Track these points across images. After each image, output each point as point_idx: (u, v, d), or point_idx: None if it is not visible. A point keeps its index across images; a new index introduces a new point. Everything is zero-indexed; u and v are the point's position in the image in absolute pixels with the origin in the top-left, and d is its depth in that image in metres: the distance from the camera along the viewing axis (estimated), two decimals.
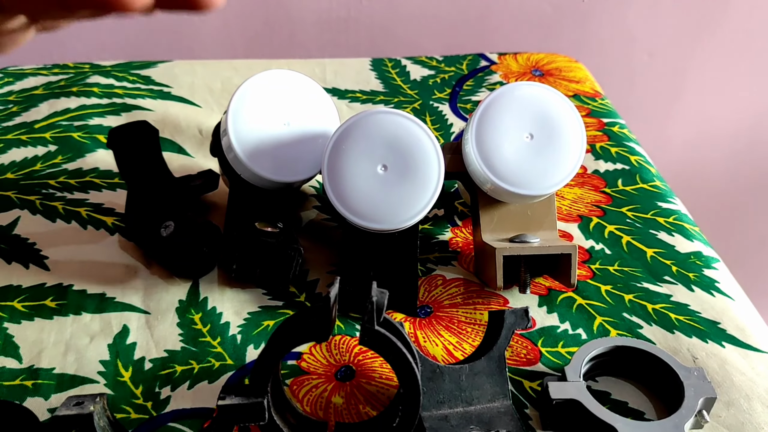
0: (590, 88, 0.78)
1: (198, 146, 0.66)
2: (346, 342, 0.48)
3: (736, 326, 0.50)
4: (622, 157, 0.67)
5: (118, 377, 0.45)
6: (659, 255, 0.56)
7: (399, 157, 0.47)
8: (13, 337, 0.48)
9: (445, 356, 0.47)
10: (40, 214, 0.58)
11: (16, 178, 0.62)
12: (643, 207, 0.61)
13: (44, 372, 0.46)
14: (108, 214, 0.58)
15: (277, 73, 0.51)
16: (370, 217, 0.48)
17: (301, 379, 0.45)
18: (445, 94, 0.76)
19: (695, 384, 0.42)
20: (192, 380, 0.45)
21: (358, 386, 0.45)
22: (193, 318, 0.50)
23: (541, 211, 0.52)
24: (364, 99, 0.74)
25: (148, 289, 0.52)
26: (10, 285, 0.52)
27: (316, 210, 0.60)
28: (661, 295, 0.52)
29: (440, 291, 0.53)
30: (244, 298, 0.52)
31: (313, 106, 0.52)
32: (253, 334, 0.49)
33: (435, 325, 0.50)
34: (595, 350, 0.45)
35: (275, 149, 0.50)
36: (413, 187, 0.47)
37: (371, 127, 0.48)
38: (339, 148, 0.48)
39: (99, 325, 0.49)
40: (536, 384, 0.45)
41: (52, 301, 0.51)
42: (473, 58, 0.83)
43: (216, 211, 0.59)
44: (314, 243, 0.56)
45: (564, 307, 0.51)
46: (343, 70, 0.79)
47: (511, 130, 0.49)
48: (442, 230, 0.58)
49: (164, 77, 0.77)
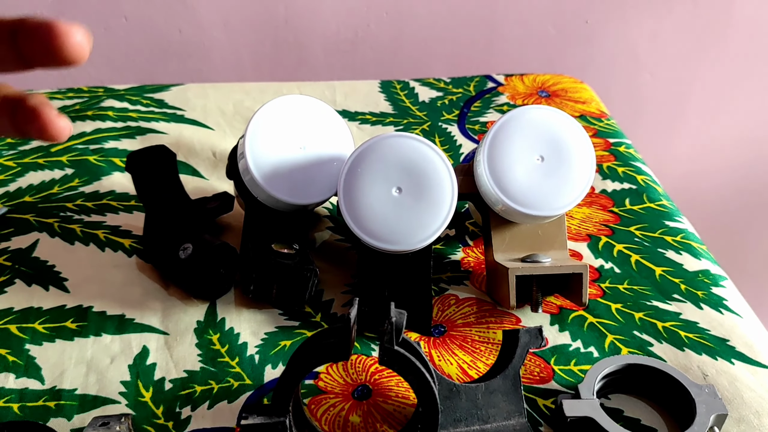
0: (596, 108, 0.79)
1: (212, 168, 0.68)
2: (362, 361, 0.49)
3: (745, 343, 0.50)
4: (629, 177, 0.68)
5: (139, 397, 0.46)
6: (668, 273, 0.57)
7: (413, 179, 0.48)
8: (35, 359, 0.49)
9: (460, 375, 0.48)
10: (58, 237, 0.59)
11: (34, 201, 0.63)
12: (650, 226, 0.62)
13: (67, 393, 0.47)
14: (125, 236, 0.60)
15: (292, 98, 0.53)
16: (385, 238, 0.49)
17: (318, 399, 0.46)
18: (454, 116, 0.77)
19: (706, 401, 0.43)
20: (212, 400, 0.46)
21: (375, 405, 0.46)
22: (212, 338, 0.51)
23: (552, 232, 0.54)
24: (374, 121, 0.76)
25: (166, 310, 0.53)
26: (31, 307, 0.53)
27: (329, 231, 0.61)
28: (670, 313, 0.53)
29: (453, 310, 0.53)
30: (261, 318, 0.53)
31: (328, 131, 0.53)
32: (271, 354, 0.49)
33: (449, 344, 0.51)
34: (608, 368, 0.45)
35: (291, 172, 0.52)
36: (427, 208, 0.48)
37: (386, 151, 0.49)
38: (354, 171, 0.49)
39: (119, 346, 0.50)
40: (550, 402, 0.46)
41: (72, 323, 0.52)
42: (480, 79, 0.84)
43: (231, 233, 0.60)
44: (329, 263, 0.57)
45: (575, 325, 0.52)
46: (352, 92, 0.81)
47: (522, 153, 0.50)
48: (453, 250, 0.59)
49: (177, 100, 0.78)
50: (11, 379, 0.47)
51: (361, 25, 0.99)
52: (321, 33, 0.99)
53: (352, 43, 1.01)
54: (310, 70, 1.02)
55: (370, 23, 0.99)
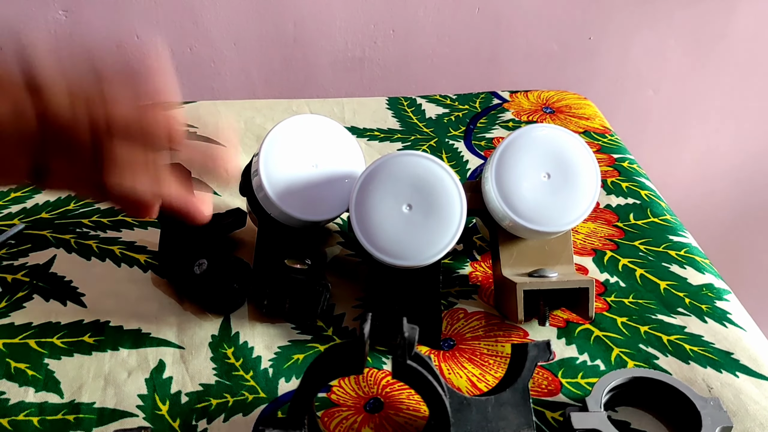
0: (599, 124, 0.80)
1: (224, 185, 0.69)
2: (373, 374, 0.50)
3: (749, 357, 0.51)
4: (633, 192, 0.69)
5: (156, 410, 0.47)
6: (672, 287, 0.58)
7: (423, 196, 0.50)
8: (54, 373, 0.50)
9: (470, 388, 0.49)
10: (75, 253, 0.61)
11: (51, 217, 0.65)
12: (654, 240, 0.63)
13: (85, 406, 0.48)
14: (140, 252, 0.61)
15: (305, 117, 0.54)
16: (395, 254, 0.50)
17: (331, 411, 0.47)
18: (460, 132, 0.79)
19: (712, 413, 0.44)
20: (227, 413, 0.47)
21: (386, 418, 0.47)
22: (226, 352, 0.52)
23: (558, 247, 0.55)
24: (382, 137, 0.77)
25: (181, 324, 0.54)
26: (49, 322, 0.54)
27: (339, 246, 0.62)
28: (675, 326, 0.54)
29: (462, 324, 0.55)
30: (274, 332, 0.54)
31: (340, 149, 0.55)
32: (284, 368, 0.51)
33: (458, 357, 0.52)
34: (615, 381, 0.46)
35: (304, 189, 0.53)
36: (437, 225, 0.50)
37: (396, 169, 0.50)
38: (366, 189, 0.50)
39: (136, 360, 0.51)
40: (558, 414, 0.47)
41: (90, 337, 0.53)
42: (486, 96, 0.86)
43: (244, 248, 0.62)
44: (340, 278, 0.58)
45: (582, 338, 0.53)
46: (361, 109, 0.82)
47: (529, 170, 0.52)
48: (461, 265, 0.61)
49: (189, 118, 0.79)
50: (31, 393, 0.49)
51: (368, 43, 1.01)
52: (329, 50, 1.01)
53: (359, 61, 1.02)
54: (319, 87, 1.04)
55: (377, 40, 1.01)
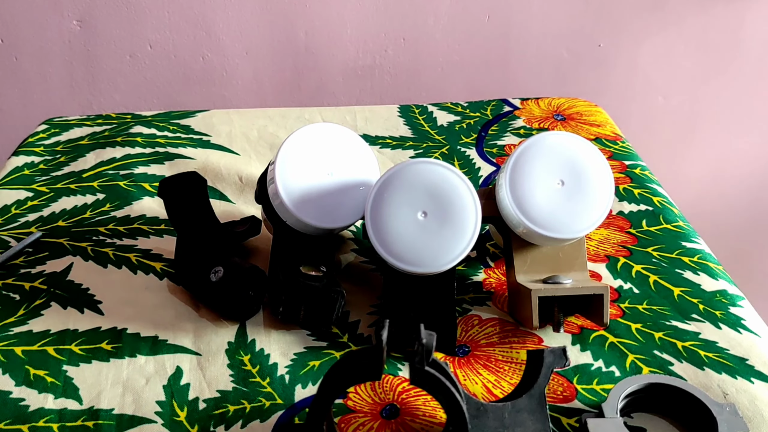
0: (611, 131, 0.81)
1: (239, 193, 0.69)
2: (389, 381, 0.50)
3: (764, 363, 0.51)
4: (646, 199, 0.69)
5: (174, 417, 0.48)
6: (686, 294, 0.58)
7: (438, 204, 0.50)
8: (72, 379, 0.51)
9: (485, 394, 0.49)
10: (92, 261, 0.61)
11: (68, 225, 0.65)
12: (667, 247, 0.63)
13: (104, 413, 0.48)
14: (156, 259, 0.61)
15: (320, 126, 0.55)
16: (410, 261, 0.50)
17: (348, 418, 0.48)
18: (472, 139, 0.79)
19: (728, 419, 0.44)
20: (245, 419, 0.48)
21: (403, 424, 0.47)
22: (243, 359, 0.52)
23: (572, 253, 0.55)
24: (394, 145, 0.78)
25: (197, 331, 0.55)
26: (67, 329, 0.55)
27: (354, 253, 0.63)
28: (689, 332, 0.54)
29: (477, 330, 0.55)
30: (290, 339, 0.54)
31: (355, 157, 0.55)
32: (301, 374, 0.51)
33: (473, 363, 0.52)
34: (630, 387, 0.47)
35: (319, 197, 0.53)
36: (452, 232, 0.50)
37: (411, 177, 0.51)
38: (381, 197, 0.50)
39: (153, 366, 0.52)
40: (573, 420, 0.47)
41: (107, 344, 0.53)
42: (497, 103, 0.86)
43: (258, 255, 0.62)
44: (354, 285, 0.59)
45: (597, 345, 0.53)
46: (373, 117, 0.83)
47: (543, 177, 0.52)
48: (475, 271, 0.61)
49: (203, 126, 0.80)
50: (50, 400, 0.49)
51: (379, 51, 1.02)
52: (340, 59, 1.02)
53: (370, 69, 1.03)
54: (330, 96, 1.05)
55: (387, 49, 1.02)
